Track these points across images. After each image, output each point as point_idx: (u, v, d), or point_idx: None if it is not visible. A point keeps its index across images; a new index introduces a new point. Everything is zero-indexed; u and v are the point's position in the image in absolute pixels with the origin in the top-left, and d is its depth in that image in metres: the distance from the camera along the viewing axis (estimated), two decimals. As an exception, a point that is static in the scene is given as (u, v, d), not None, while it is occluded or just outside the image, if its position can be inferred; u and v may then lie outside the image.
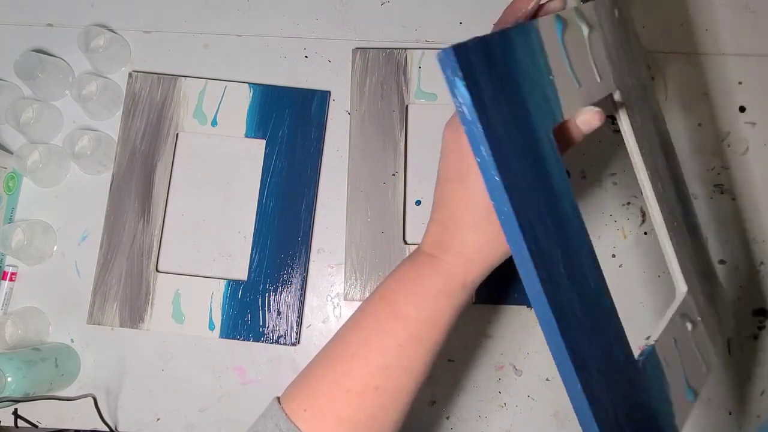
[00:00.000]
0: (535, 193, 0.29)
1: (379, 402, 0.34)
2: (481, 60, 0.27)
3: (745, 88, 0.62)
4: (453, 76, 0.26)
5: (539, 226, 0.28)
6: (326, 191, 0.61)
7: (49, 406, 0.57)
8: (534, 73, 0.30)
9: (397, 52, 0.62)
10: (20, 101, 0.60)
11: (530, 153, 0.29)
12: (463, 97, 0.27)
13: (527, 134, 0.29)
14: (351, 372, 0.35)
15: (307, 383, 0.37)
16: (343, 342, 0.37)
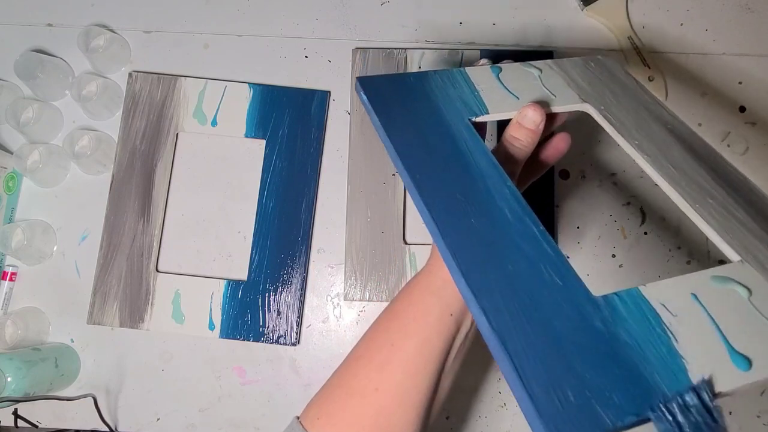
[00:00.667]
0: (444, 163, 0.36)
1: (380, 403, 0.35)
2: (386, 85, 0.41)
3: (745, 88, 0.62)
4: (359, 92, 0.41)
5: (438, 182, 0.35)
6: (326, 191, 0.61)
7: (49, 406, 0.57)
8: (451, 90, 0.42)
9: (397, 52, 0.62)
10: (20, 101, 0.60)
11: (439, 132, 0.38)
12: (364, 102, 0.40)
13: (438, 123, 0.39)
14: (356, 374, 0.37)
15: (320, 393, 0.38)
16: (352, 352, 0.39)
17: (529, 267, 0.31)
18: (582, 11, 0.63)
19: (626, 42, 0.62)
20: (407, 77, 0.42)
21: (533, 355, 0.27)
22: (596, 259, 0.59)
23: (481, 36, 0.63)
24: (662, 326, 0.29)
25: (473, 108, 0.41)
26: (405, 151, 0.37)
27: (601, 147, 0.61)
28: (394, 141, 0.37)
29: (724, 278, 0.32)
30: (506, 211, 0.34)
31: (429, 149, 0.37)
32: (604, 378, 0.26)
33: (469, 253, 0.31)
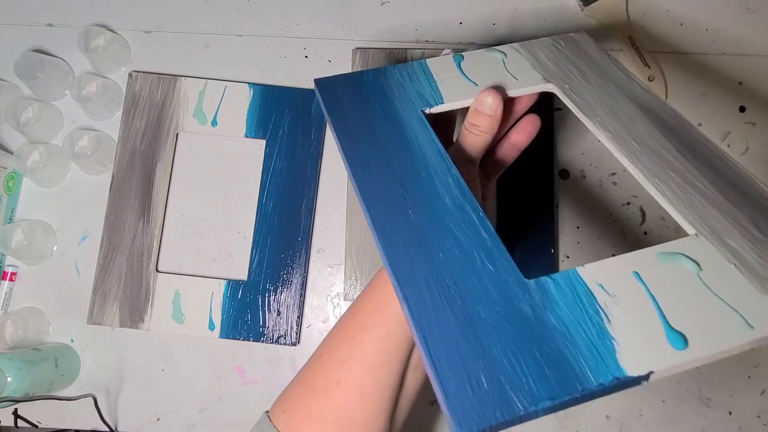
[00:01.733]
0: (387, 156, 0.37)
1: (342, 397, 0.35)
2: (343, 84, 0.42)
3: (745, 88, 0.62)
4: (316, 94, 0.42)
5: (380, 178, 0.36)
6: (326, 191, 0.61)
7: (49, 406, 0.57)
8: (408, 84, 0.42)
9: (397, 52, 0.62)
10: (20, 101, 0.60)
11: (389, 127, 0.39)
12: (320, 103, 0.41)
13: (389, 118, 0.40)
14: (317, 370, 0.37)
15: (286, 389, 0.39)
16: (316, 349, 0.39)
17: (462, 255, 0.31)
18: (582, 11, 0.63)
19: (626, 42, 0.62)
20: (365, 74, 0.43)
21: (449, 342, 0.27)
22: (596, 259, 0.58)
23: (481, 36, 0.63)
24: (595, 307, 0.29)
25: (428, 100, 0.41)
26: (350, 149, 0.37)
27: (601, 146, 0.61)
28: (342, 139, 0.38)
29: (673, 254, 0.31)
30: (446, 199, 0.34)
31: (376, 144, 0.38)
32: (522, 364, 0.26)
33: (399, 244, 0.32)
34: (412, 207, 0.34)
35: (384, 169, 0.36)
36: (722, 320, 0.28)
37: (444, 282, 0.30)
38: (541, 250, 0.58)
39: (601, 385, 0.26)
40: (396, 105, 0.41)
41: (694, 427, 0.56)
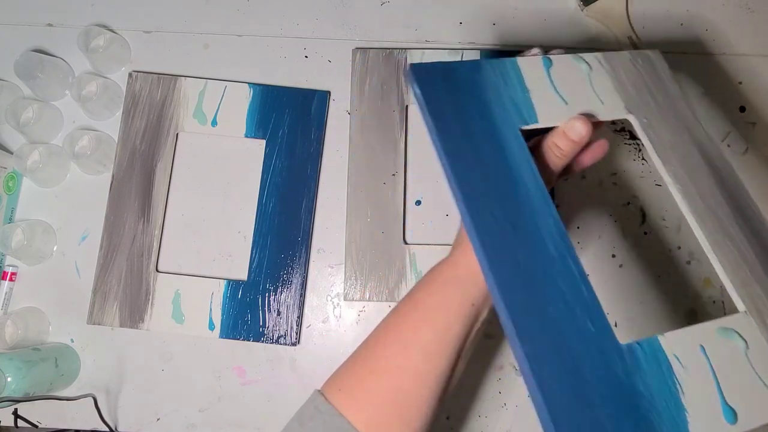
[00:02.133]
0: (490, 175, 0.36)
1: (401, 381, 0.37)
2: (438, 77, 0.39)
3: (745, 88, 0.62)
4: (412, 83, 0.38)
5: (487, 200, 0.35)
6: (326, 191, 0.61)
7: (49, 406, 0.57)
8: (504, 90, 0.40)
9: (397, 52, 0.62)
10: (20, 101, 0.60)
11: (491, 141, 0.37)
12: (418, 97, 0.38)
13: (487, 130, 0.38)
14: (376, 354, 0.39)
15: (341, 369, 0.40)
16: (374, 332, 0.41)
17: (567, 310, 0.32)
18: (582, 11, 0.63)
19: (626, 42, 0.62)
20: (460, 69, 0.40)
21: (565, 404, 0.30)
22: (596, 259, 0.59)
23: (481, 36, 0.63)
24: (673, 379, 0.32)
25: (523, 113, 0.40)
26: (456, 162, 0.36)
27: (601, 147, 0.61)
28: (446, 148, 0.36)
29: (728, 330, 0.35)
30: (550, 245, 0.35)
31: (479, 160, 0.37)
32: (621, 426, 0.29)
33: (516, 294, 0.32)
34: (522, 250, 0.34)
35: (492, 197, 0.36)
36: (762, 399, 0.32)
37: (556, 339, 0.31)
38: (541, 250, 0.58)
39: None
40: (494, 114, 0.39)
41: (694, 427, 0.56)
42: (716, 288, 0.58)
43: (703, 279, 0.58)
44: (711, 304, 0.58)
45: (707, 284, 0.58)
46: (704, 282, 0.58)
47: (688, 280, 0.58)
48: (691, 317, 0.58)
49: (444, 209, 0.60)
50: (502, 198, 0.35)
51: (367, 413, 0.37)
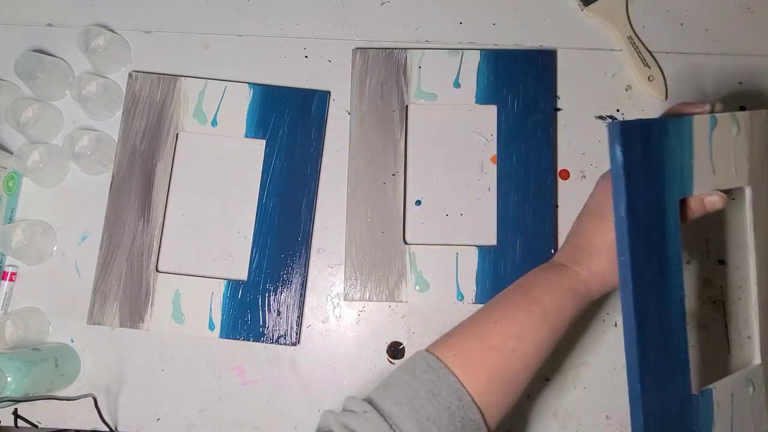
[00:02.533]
0: (649, 242, 0.39)
1: (512, 362, 0.41)
2: (638, 137, 0.38)
3: (745, 88, 0.62)
4: (614, 142, 0.37)
5: (647, 272, 0.38)
6: (326, 191, 0.61)
7: (49, 406, 0.57)
8: (679, 154, 0.41)
9: (397, 52, 0.62)
10: (20, 101, 0.60)
11: (656, 211, 0.39)
12: (618, 158, 0.37)
13: (658, 198, 0.40)
14: (493, 334, 0.42)
15: (454, 339, 0.43)
16: (486, 314, 0.44)
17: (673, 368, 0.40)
18: (582, 11, 0.63)
19: (626, 42, 0.62)
20: (655, 129, 0.40)
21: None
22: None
23: (481, 36, 0.63)
24: (713, 421, 0.41)
25: (685, 182, 0.41)
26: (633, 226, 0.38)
27: (601, 147, 0.61)
28: (629, 212, 0.38)
29: (748, 380, 0.44)
30: (673, 314, 0.40)
31: (648, 223, 0.39)
32: None
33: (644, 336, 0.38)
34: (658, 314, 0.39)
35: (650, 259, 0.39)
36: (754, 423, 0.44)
37: (660, 386, 0.39)
38: (541, 250, 0.58)
39: None
40: (666, 180, 0.40)
41: (694, 427, 0.56)
42: (716, 288, 0.58)
43: (703, 279, 0.58)
44: (711, 303, 0.58)
45: (707, 284, 0.58)
46: (704, 282, 0.58)
47: (688, 280, 0.58)
48: (690, 317, 0.58)
49: (444, 209, 0.60)
50: (659, 284, 0.39)
51: (478, 381, 0.40)
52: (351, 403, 0.40)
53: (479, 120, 0.61)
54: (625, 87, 0.62)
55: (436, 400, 0.39)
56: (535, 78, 0.61)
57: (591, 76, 0.62)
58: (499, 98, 0.61)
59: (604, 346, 0.58)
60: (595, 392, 0.57)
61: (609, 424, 0.56)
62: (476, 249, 0.58)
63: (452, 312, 0.58)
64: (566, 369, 0.57)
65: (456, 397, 0.39)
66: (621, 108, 0.62)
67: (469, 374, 0.40)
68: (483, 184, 0.60)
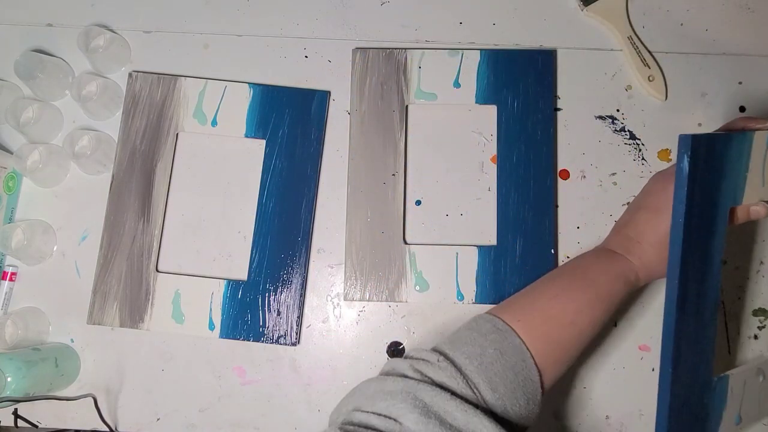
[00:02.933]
0: (698, 243, 0.43)
1: (569, 333, 0.45)
2: (705, 149, 0.42)
3: (745, 88, 0.62)
4: (684, 152, 0.41)
5: (692, 270, 0.42)
6: (326, 191, 0.61)
7: (49, 406, 0.57)
8: (736, 166, 0.44)
9: (397, 52, 0.62)
10: (20, 101, 0.60)
11: (709, 216, 0.43)
12: (684, 169, 0.41)
13: (712, 205, 0.43)
14: (553, 307, 0.46)
15: (515, 308, 0.47)
16: (545, 288, 0.48)
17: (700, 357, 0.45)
18: (582, 11, 0.63)
19: (626, 42, 0.62)
20: (719, 144, 0.43)
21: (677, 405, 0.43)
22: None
23: (481, 36, 0.63)
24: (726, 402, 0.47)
25: (737, 192, 0.45)
26: (687, 234, 0.41)
27: (601, 147, 0.61)
28: (687, 220, 0.41)
29: (760, 370, 0.51)
30: (707, 312, 0.45)
31: (699, 227, 0.43)
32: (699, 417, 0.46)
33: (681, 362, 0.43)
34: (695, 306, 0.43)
35: (696, 261, 0.43)
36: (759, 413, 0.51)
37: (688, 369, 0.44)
38: (541, 250, 0.58)
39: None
40: (722, 190, 0.44)
41: (694, 427, 0.56)
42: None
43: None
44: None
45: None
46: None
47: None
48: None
49: (444, 209, 0.60)
50: (700, 262, 0.43)
51: (539, 345, 0.43)
52: (421, 353, 0.43)
53: (479, 120, 0.61)
54: (625, 87, 0.62)
55: (503, 358, 0.42)
56: (535, 78, 0.61)
57: (591, 76, 0.62)
58: (499, 98, 0.61)
59: (604, 347, 0.58)
60: (595, 392, 0.57)
61: (609, 424, 0.56)
62: (476, 249, 0.58)
63: (452, 312, 0.58)
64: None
65: (520, 358, 0.42)
66: (621, 108, 0.62)
67: (531, 339, 0.43)
68: (483, 184, 0.60)
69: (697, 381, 0.45)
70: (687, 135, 0.41)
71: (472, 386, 0.40)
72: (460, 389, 0.39)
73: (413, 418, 0.36)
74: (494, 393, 0.40)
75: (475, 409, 0.38)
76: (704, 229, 0.43)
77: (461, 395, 0.39)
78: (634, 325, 0.58)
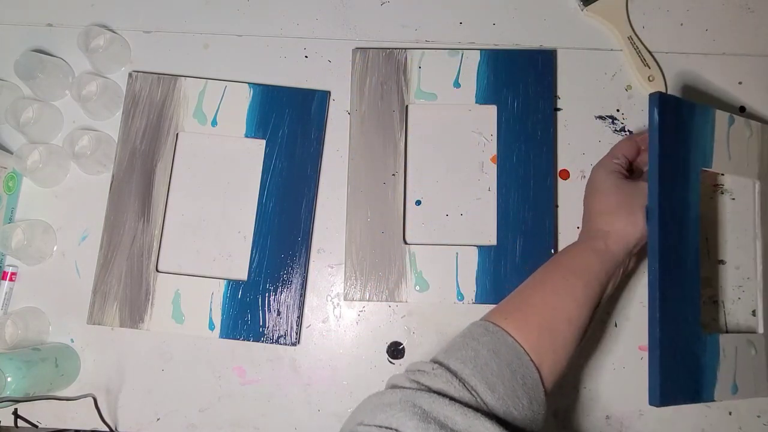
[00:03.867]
0: (673, 190, 0.49)
1: (556, 318, 0.46)
2: (672, 107, 0.49)
3: (745, 88, 0.62)
4: (653, 106, 0.48)
5: (669, 214, 0.48)
6: (326, 191, 0.61)
7: (49, 406, 0.57)
8: (703, 132, 0.52)
9: (397, 52, 0.62)
10: (20, 101, 0.60)
11: (682, 171, 0.50)
12: (655, 119, 0.48)
13: (684, 160, 0.50)
14: (533, 296, 0.48)
15: (502, 308, 0.48)
16: (524, 286, 0.49)
17: (687, 307, 0.49)
18: (582, 11, 0.63)
19: (626, 42, 0.62)
20: (687, 108, 0.51)
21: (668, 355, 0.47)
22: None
23: (481, 36, 0.63)
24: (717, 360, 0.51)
25: (707, 157, 0.52)
26: (663, 182, 0.47)
27: (601, 147, 0.61)
28: (660, 166, 0.47)
29: (750, 342, 0.53)
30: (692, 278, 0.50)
31: (675, 182, 0.49)
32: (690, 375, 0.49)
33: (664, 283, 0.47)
34: (677, 256, 0.48)
35: (674, 213, 0.49)
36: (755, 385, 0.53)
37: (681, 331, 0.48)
38: (541, 250, 0.58)
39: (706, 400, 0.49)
40: (691, 151, 0.51)
41: (694, 427, 0.56)
42: (716, 288, 0.58)
43: (703, 279, 0.58)
44: (711, 303, 0.58)
45: (707, 284, 0.58)
46: (704, 281, 0.58)
47: (688, 280, 0.58)
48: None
49: (444, 209, 0.60)
50: (679, 218, 0.49)
51: (531, 339, 0.44)
52: (417, 365, 0.43)
53: (479, 120, 0.61)
54: (625, 87, 0.62)
55: (498, 357, 0.42)
56: (535, 78, 0.61)
57: (591, 76, 0.62)
58: (499, 98, 0.61)
59: (604, 347, 0.58)
60: (595, 392, 0.57)
61: (609, 424, 0.56)
62: (476, 249, 0.58)
63: (452, 312, 0.58)
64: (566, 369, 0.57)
65: (515, 356, 0.43)
66: (621, 108, 0.62)
67: (522, 334, 0.44)
68: (483, 184, 0.60)
69: (686, 330, 0.49)
70: (656, 92, 0.47)
71: (470, 389, 0.40)
72: (459, 394, 0.39)
73: (413, 425, 0.36)
74: (493, 393, 0.40)
75: (475, 412, 0.37)
76: (678, 179, 0.49)
77: (460, 400, 0.39)
78: (634, 325, 0.58)
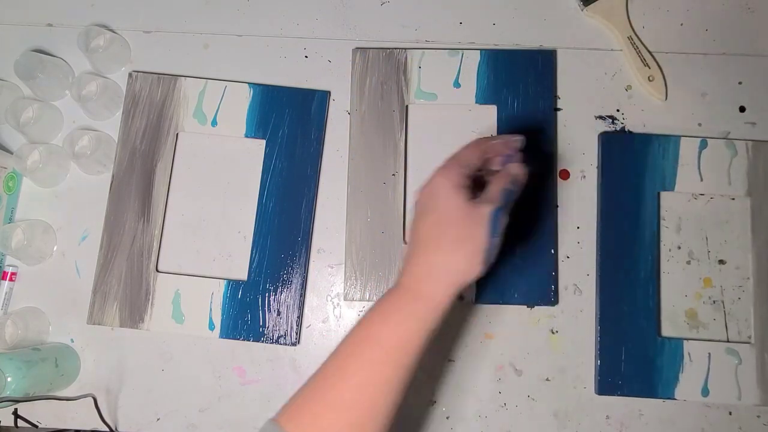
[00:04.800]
0: (624, 212, 0.58)
1: (355, 417, 0.39)
2: (619, 141, 0.59)
3: (745, 88, 0.62)
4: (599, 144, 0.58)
5: (614, 238, 0.57)
6: (326, 191, 0.61)
7: (49, 406, 0.57)
8: (660, 159, 0.58)
9: (397, 52, 0.62)
10: (20, 101, 0.60)
11: (637, 193, 0.58)
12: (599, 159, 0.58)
13: (637, 187, 0.58)
14: (333, 387, 0.40)
15: (297, 400, 0.41)
16: (326, 366, 0.42)
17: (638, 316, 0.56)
18: (582, 11, 0.63)
19: (626, 42, 0.62)
20: (635, 140, 0.59)
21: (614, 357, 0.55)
22: (595, 258, 0.59)
23: (481, 36, 0.63)
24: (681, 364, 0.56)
25: (666, 180, 0.58)
26: (606, 204, 0.58)
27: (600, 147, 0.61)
28: (604, 194, 0.58)
29: (732, 350, 0.56)
30: (642, 271, 0.57)
31: (625, 205, 0.57)
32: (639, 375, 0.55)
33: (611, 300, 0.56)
34: (623, 270, 0.56)
35: (621, 228, 0.57)
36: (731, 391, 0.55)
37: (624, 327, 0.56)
38: (541, 250, 0.58)
39: (663, 398, 0.55)
40: (645, 176, 0.57)
41: (694, 427, 0.56)
42: (716, 288, 0.58)
43: (703, 279, 0.58)
44: (711, 304, 0.58)
45: (707, 284, 0.58)
46: (704, 282, 0.58)
47: (688, 280, 0.58)
48: (690, 317, 0.58)
49: (444, 209, 0.60)
50: (631, 237, 0.57)
51: None
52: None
53: (479, 120, 0.61)
54: (625, 87, 0.62)
55: None
56: (534, 78, 0.61)
57: (591, 76, 0.62)
58: (499, 98, 0.61)
59: (604, 346, 0.58)
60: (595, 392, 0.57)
61: (609, 424, 0.56)
62: (476, 249, 0.58)
63: (452, 312, 0.58)
64: (566, 369, 0.57)
65: None
66: (621, 108, 0.62)
67: None
68: (483, 184, 0.60)
69: (638, 333, 0.55)
70: (602, 132, 0.58)
71: None
72: None
73: None
74: None
75: None
76: (631, 203, 0.57)
77: None
78: (634, 325, 0.58)
